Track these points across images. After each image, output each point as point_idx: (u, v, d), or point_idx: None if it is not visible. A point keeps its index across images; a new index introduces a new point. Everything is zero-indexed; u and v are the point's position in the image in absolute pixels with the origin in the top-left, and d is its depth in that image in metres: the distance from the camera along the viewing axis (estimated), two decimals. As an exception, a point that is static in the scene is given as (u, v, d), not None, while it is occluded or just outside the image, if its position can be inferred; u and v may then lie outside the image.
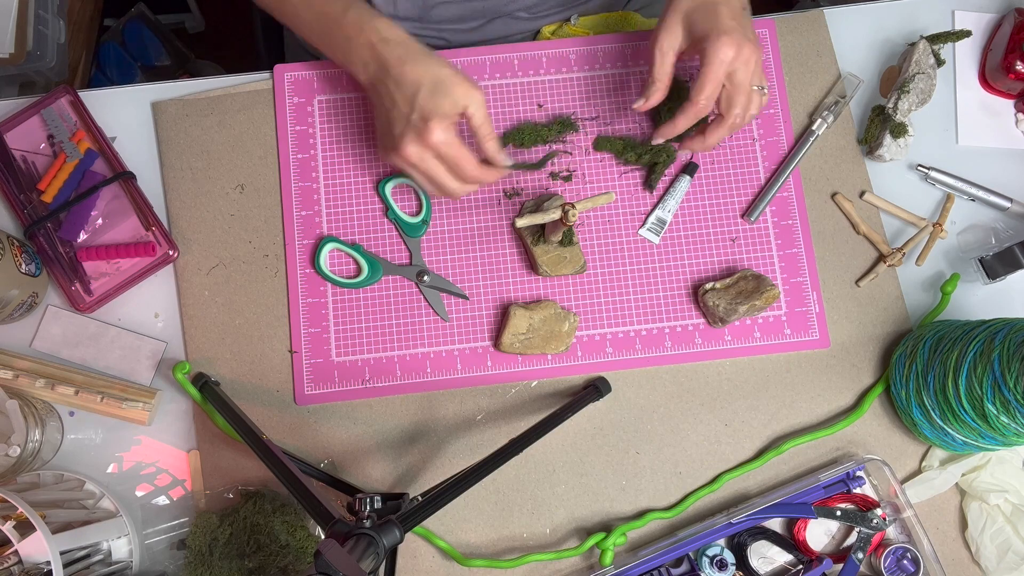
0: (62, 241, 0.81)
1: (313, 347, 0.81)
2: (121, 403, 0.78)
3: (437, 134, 0.69)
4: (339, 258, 0.83)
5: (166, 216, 0.83)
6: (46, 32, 1.26)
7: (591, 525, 0.79)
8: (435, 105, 0.69)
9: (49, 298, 0.82)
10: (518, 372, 0.81)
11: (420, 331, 0.81)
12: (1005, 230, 0.84)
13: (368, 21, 0.72)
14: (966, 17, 0.88)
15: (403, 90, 0.70)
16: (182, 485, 0.79)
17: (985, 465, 0.78)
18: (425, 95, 0.69)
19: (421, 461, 0.80)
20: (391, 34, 0.72)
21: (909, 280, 0.84)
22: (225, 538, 0.74)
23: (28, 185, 0.82)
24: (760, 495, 0.80)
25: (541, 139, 0.83)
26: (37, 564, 0.67)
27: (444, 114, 0.69)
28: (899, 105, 0.81)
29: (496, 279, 0.82)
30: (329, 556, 0.53)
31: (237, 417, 0.73)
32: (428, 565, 0.78)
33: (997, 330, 0.69)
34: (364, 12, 0.73)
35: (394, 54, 0.71)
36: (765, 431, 0.81)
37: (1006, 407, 0.66)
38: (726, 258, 0.83)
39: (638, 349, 0.81)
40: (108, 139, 0.84)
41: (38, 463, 0.77)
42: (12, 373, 0.78)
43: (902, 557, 0.77)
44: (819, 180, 0.85)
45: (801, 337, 0.82)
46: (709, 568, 0.76)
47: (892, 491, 0.77)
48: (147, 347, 0.81)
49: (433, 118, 0.68)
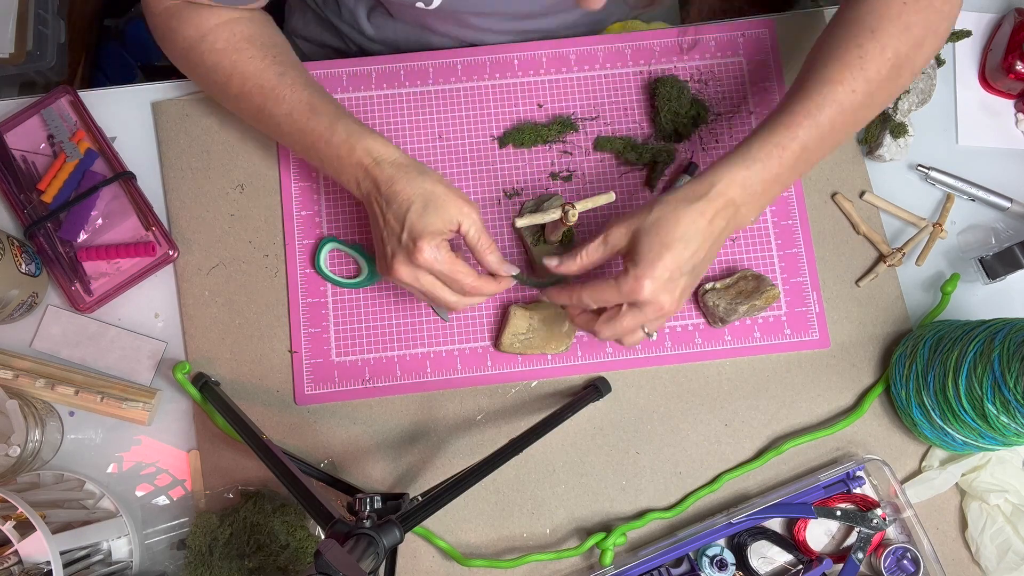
0: (62, 241, 0.81)
1: (313, 347, 0.81)
2: (121, 403, 0.78)
3: (427, 253, 0.67)
4: (339, 258, 0.83)
5: (166, 216, 0.83)
6: (46, 32, 1.26)
7: (591, 525, 0.79)
8: (425, 224, 0.67)
9: (49, 298, 0.82)
10: (518, 372, 0.81)
11: (420, 331, 0.81)
12: (1005, 230, 0.84)
13: (359, 141, 0.69)
14: (966, 17, 0.88)
15: (394, 209, 0.68)
16: (182, 485, 0.79)
17: (985, 465, 0.78)
18: (415, 214, 0.67)
19: (421, 461, 0.80)
20: (383, 154, 0.69)
21: (909, 280, 0.84)
22: (225, 538, 0.74)
23: (28, 185, 0.82)
24: (760, 495, 0.80)
25: (541, 139, 0.83)
26: (37, 564, 0.67)
27: (435, 232, 0.67)
28: (899, 105, 0.81)
29: (496, 279, 0.82)
30: (329, 556, 0.53)
31: (237, 417, 0.73)
32: (428, 565, 0.78)
33: (997, 330, 0.69)
34: (354, 131, 0.70)
35: (385, 174, 0.68)
36: (765, 431, 0.81)
37: (1006, 407, 0.66)
38: (726, 258, 0.83)
39: (638, 349, 0.81)
40: (108, 139, 0.84)
41: (38, 463, 0.77)
42: (12, 373, 0.78)
43: (902, 557, 0.77)
44: (819, 180, 0.85)
45: (801, 337, 0.82)
46: (709, 568, 0.76)
47: (892, 491, 0.77)
48: (147, 347, 0.81)
49: (423, 238, 0.67)
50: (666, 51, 0.86)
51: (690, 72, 0.86)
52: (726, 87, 0.86)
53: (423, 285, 0.69)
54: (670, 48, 0.87)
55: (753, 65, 0.86)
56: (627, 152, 0.83)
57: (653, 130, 0.85)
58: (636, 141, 0.84)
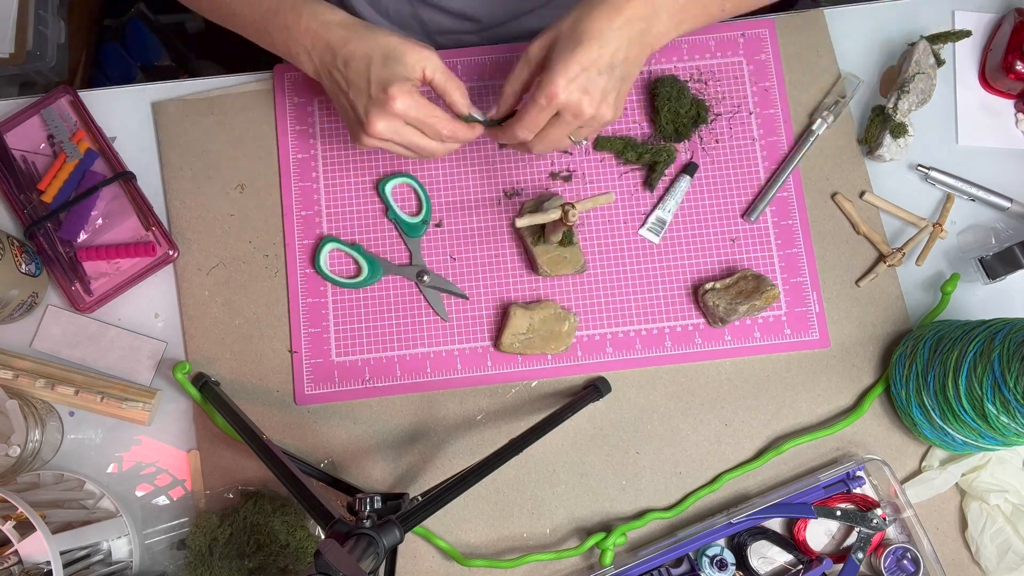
0: (62, 241, 0.81)
1: (313, 347, 0.81)
2: (121, 403, 0.78)
3: (400, 100, 0.65)
4: (339, 258, 0.83)
5: (166, 216, 0.83)
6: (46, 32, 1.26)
7: (591, 525, 0.79)
8: (391, 73, 0.66)
9: (49, 298, 0.82)
10: (518, 372, 0.81)
11: (420, 331, 0.81)
12: (1005, 230, 0.84)
13: (304, 5, 0.69)
14: (966, 17, 0.88)
15: (355, 67, 0.67)
16: (182, 485, 0.79)
17: (985, 465, 0.78)
18: (378, 66, 0.66)
19: (421, 461, 0.80)
20: (331, 16, 0.68)
21: (909, 280, 0.84)
22: (225, 538, 0.74)
23: (28, 185, 0.82)
24: (760, 495, 0.80)
25: (541, 139, 0.83)
26: (37, 564, 0.67)
27: (403, 79, 0.66)
28: (899, 105, 0.81)
29: (496, 279, 0.82)
30: (329, 556, 0.53)
31: (237, 417, 0.74)
32: (428, 565, 0.78)
33: (997, 330, 0.69)
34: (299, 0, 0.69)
35: (337, 35, 0.67)
36: (765, 431, 0.81)
37: (1006, 407, 0.66)
38: (726, 258, 0.83)
39: (638, 349, 0.81)
40: (108, 139, 0.84)
41: (38, 463, 0.77)
42: (12, 373, 0.78)
43: (902, 557, 0.77)
44: (819, 180, 0.85)
45: (801, 337, 0.82)
46: (709, 568, 0.76)
47: (892, 491, 0.77)
48: (147, 347, 0.81)
49: (392, 85, 0.65)
50: (666, 51, 0.86)
51: (690, 72, 0.86)
52: (726, 87, 0.86)
53: (403, 137, 0.68)
54: (670, 48, 0.86)
55: (753, 65, 0.86)
56: (627, 152, 0.83)
57: (653, 130, 0.85)
58: (636, 141, 0.84)
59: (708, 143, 0.85)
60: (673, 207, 0.83)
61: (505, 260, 0.83)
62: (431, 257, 0.82)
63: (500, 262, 0.82)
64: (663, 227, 0.83)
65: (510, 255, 0.83)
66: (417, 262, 0.82)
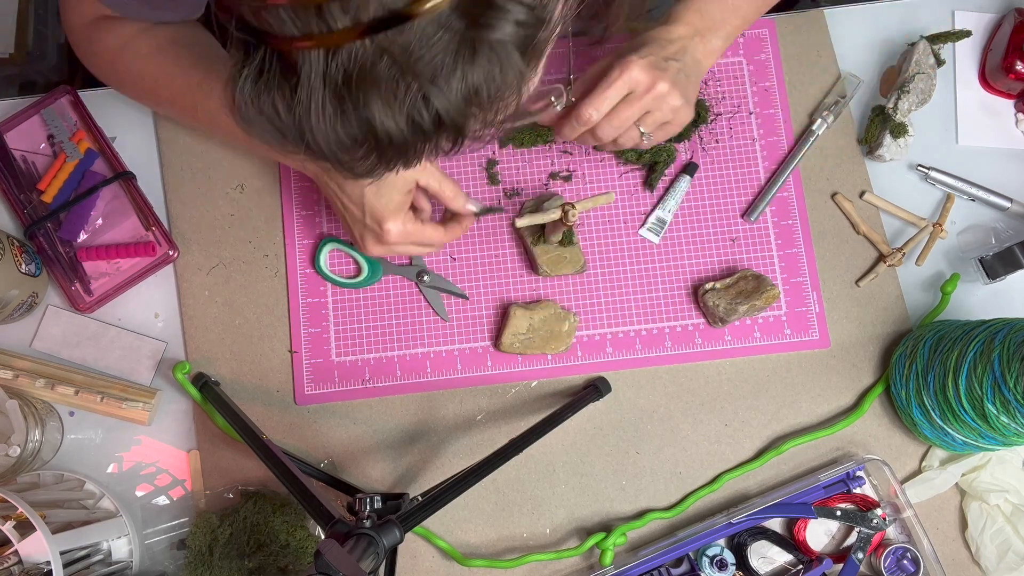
0: (62, 241, 0.81)
1: (313, 347, 0.81)
2: (121, 403, 0.78)
3: (394, 233, 0.68)
4: (339, 258, 0.83)
5: (166, 216, 0.83)
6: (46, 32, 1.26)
7: (591, 525, 0.79)
8: (384, 204, 0.67)
9: (49, 298, 0.82)
10: (518, 372, 0.81)
11: (420, 331, 0.81)
12: (1005, 230, 0.84)
13: None
14: (966, 17, 0.88)
15: (348, 194, 0.68)
16: (182, 485, 0.79)
17: (985, 465, 0.78)
18: (372, 195, 0.67)
19: (421, 461, 0.80)
20: None
21: (909, 280, 0.84)
22: (225, 538, 0.74)
23: (28, 185, 0.82)
24: (760, 495, 0.80)
25: (542, 139, 0.83)
26: (37, 564, 0.67)
27: (396, 209, 0.67)
28: (899, 105, 0.81)
29: (496, 279, 0.82)
30: (329, 556, 0.53)
31: (237, 417, 0.74)
32: (428, 565, 0.78)
33: (997, 330, 0.69)
34: None
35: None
36: (765, 431, 0.81)
37: (1006, 407, 0.66)
38: (726, 258, 0.83)
39: (638, 349, 0.81)
40: (108, 139, 0.84)
41: (38, 463, 0.77)
42: (12, 373, 0.78)
43: (902, 557, 0.77)
44: (819, 180, 0.85)
45: (801, 337, 0.82)
46: (709, 568, 0.76)
47: (892, 491, 0.77)
48: (147, 347, 0.81)
49: (386, 220, 0.67)
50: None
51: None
52: (726, 87, 0.86)
53: (399, 253, 0.73)
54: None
55: (753, 65, 0.86)
56: (627, 152, 0.83)
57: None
58: (636, 141, 0.84)
59: (708, 143, 0.85)
60: (673, 207, 0.83)
61: (505, 260, 0.83)
62: (431, 257, 0.82)
63: (500, 262, 0.82)
64: (663, 227, 0.83)
65: (510, 255, 0.83)
66: (417, 262, 0.82)
